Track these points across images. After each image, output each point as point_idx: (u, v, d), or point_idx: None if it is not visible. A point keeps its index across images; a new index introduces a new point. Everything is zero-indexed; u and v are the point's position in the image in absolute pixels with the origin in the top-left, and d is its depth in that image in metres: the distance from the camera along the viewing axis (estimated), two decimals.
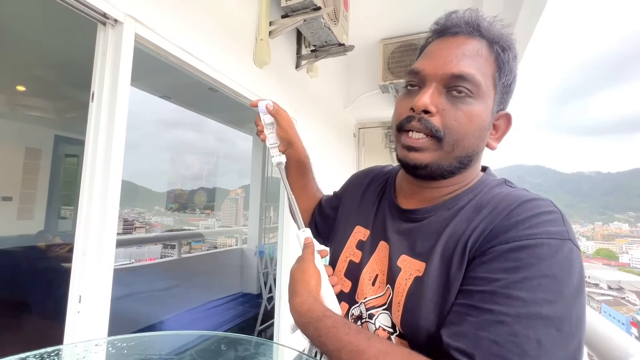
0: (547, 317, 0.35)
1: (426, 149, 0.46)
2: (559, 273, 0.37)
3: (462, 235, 0.43)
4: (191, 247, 3.68)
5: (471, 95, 0.45)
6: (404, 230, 0.51)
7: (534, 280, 0.37)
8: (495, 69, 0.47)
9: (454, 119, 0.45)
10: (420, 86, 0.48)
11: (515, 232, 0.39)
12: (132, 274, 2.75)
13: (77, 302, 0.93)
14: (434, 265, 0.44)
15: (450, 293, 0.41)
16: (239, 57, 1.60)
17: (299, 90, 2.21)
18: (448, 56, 0.46)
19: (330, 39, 1.99)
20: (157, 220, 7.19)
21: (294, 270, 0.50)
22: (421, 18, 2.52)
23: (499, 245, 0.40)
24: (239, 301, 3.34)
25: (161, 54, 1.18)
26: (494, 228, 0.41)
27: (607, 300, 59.06)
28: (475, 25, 0.46)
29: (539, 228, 0.39)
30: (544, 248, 0.38)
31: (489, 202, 0.45)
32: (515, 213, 0.41)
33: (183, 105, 3.32)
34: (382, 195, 0.61)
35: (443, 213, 0.48)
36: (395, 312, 0.46)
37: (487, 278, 0.38)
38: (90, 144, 0.98)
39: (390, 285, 0.48)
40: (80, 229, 0.96)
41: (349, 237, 0.59)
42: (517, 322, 0.35)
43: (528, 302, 0.36)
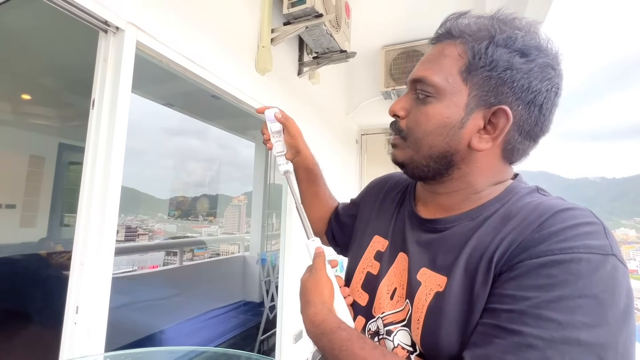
0: (587, 343, 0.31)
1: (398, 146, 0.51)
2: (600, 293, 0.33)
3: (488, 248, 0.40)
4: (194, 254, 3.68)
5: (430, 95, 0.46)
6: (424, 241, 0.48)
7: (570, 300, 0.32)
8: (463, 64, 0.45)
9: (413, 119, 0.48)
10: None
11: (547, 245, 0.35)
12: (133, 282, 2.72)
13: (74, 313, 0.90)
14: (456, 281, 0.40)
15: (474, 311, 0.38)
16: (241, 64, 1.60)
17: (301, 97, 2.21)
18: (422, 62, 0.50)
19: (332, 46, 1.99)
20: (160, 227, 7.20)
21: (305, 280, 0.50)
22: (423, 25, 2.52)
23: (529, 259, 0.36)
24: (241, 310, 3.30)
25: (163, 62, 1.17)
26: (523, 240, 0.37)
27: None
28: (448, 30, 0.48)
29: (576, 241, 0.35)
30: (582, 264, 0.33)
31: (518, 211, 0.41)
32: (548, 224, 0.37)
33: (186, 112, 3.34)
34: (401, 203, 0.59)
35: (467, 224, 0.45)
36: (414, 329, 0.43)
37: (516, 296, 0.35)
38: (90, 152, 0.97)
39: (410, 300, 0.45)
40: (78, 238, 0.94)
41: (366, 247, 0.57)
42: (550, 347, 0.31)
43: (564, 325, 0.32)
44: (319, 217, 0.76)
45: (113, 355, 0.40)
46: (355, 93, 3.21)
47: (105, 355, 0.40)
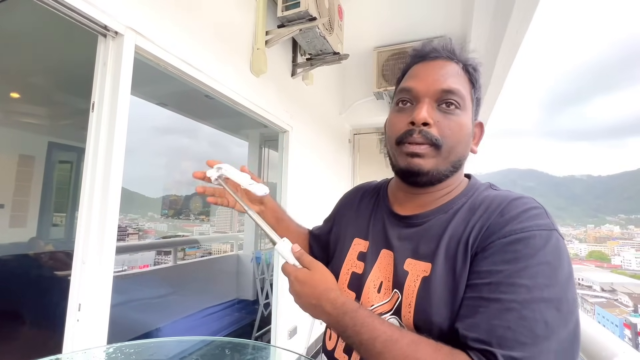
0: (549, 299, 0.40)
1: (427, 156, 0.51)
2: (552, 260, 0.42)
3: (462, 235, 0.48)
4: (185, 253, 3.66)
5: (458, 107, 0.52)
6: (405, 235, 0.54)
7: (533, 268, 0.41)
8: (471, 86, 0.55)
9: (447, 128, 0.51)
10: (413, 103, 0.53)
11: (510, 227, 0.44)
12: (128, 282, 2.73)
13: (77, 310, 0.93)
14: (440, 265, 0.47)
15: (459, 289, 0.45)
16: (236, 66, 1.62)
17: (295, 98, 2.24)
18: (435, 75, 0.52)
19: (325, 48, 2.03)
20: (150, 227, 7.15)
21: (308, 276, 0.49)
22: (414, 27, 2.58)
23: (498, 239, 0.44)
24: (235, 308, 3.32)
25: (160, 65, 1.20)
26: (490, 225, 0.46)
27: (601, 303, 59.63)
28: (451, 50, 0.54)
29: (530, 222, 0.44)
30: (536, 239, 0.43)
31: (481, 202, 0.50)
32: (507, 210, 0.46)
33: (179, 112, 3.33)
34: (376, 207, 0.64)
35: (441, 217, 0.52)
36: (405, 314, 0.49)
37: (491, 271, 0.43)
38: (91, 153, 1.00)
39: (398, 289, 0.51)
40: (80, 237, 0.97)
41: (348, 250, 0.61)
42: (524, 307, 0.39)
43: (530, 288, 0.40)
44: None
45: (120, 346, 0.43)
46: (348, 94, 3.26)
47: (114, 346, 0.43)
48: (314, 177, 2.55)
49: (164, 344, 0.53)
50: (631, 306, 57.04)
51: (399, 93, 0.56)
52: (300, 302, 0.50)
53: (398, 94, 0.56)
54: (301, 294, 0.49)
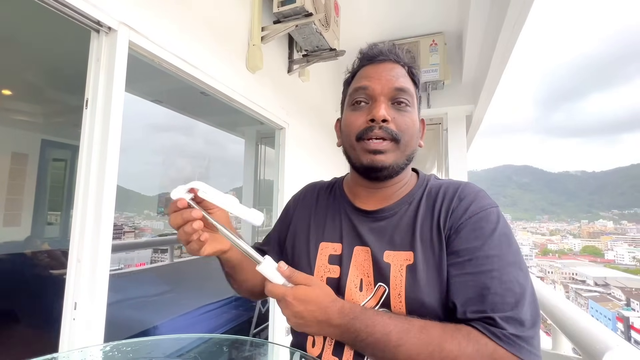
0: (514, 262, 0.48)
1: (388, 151, 0.55)
2: (507, 231, 0.51)
3: (432, 221, 0.54)
4: (182, 251, 3.65)
5: (409, 104, 0.57)
6: (376, 228, 0.57)
7: (496, 239, 0.49)
8: (414, 86, 0.60)
9: (403, 124, 0.56)
10: (368, 102, 0.57)
11: (472, 208, 0.52)
12: (124, 280, 2.71)
13: (73, 309, 0.93)
14: (420, 251, 0.52)
15: (442, 269, 0.50)
16: (231, 62, 1.61)
17: (291, 95, 2.23)
18: (387, 76, 0.56)
19: (321, 44, 2.02)
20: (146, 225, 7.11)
21: (310, 293, 0.47)
22: (410, 23, 2.58)
23: (466, 220, 0.51)
24: (233, 305, 3.32)
25: (155, 61, 1.18)
26: (454, 209, 0.53)
27: (594, 297, 60.50)
28: (396, 54, 0.59)
29: (483, 201, 0.53)
30: (492, 215, 0.51)
31: (437, 191, 0.57)
32: (463, 195, 0.54)
33: (174, 109, 3.31)
34: (335, 206, 0.63)
35: (405, 207, 0.57)
36: (396, 304, 0.50)
37: (468, 248, 0.49)
38: (85, 151, 0.98)
39: (383, 282, 0.52)
40: (75, 235, 0.96)
41: (315, 255, 0.60)
42: (501, 273, 0.47)
43: (500, 256, 0.48)
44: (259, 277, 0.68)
45: (117, 345, 0.43)
46: None
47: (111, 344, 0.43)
48: (311, 174, 2.55)
49: (161, 341, 0.53)
50: (624, 300, 57.93)
51: (354, 93, 0.59)
52: (302, 322, 0.48)
53: (353, 93, 0.59)
54: (304, 313, 0.47)
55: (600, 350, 0.68)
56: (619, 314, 46.50)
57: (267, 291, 0.50)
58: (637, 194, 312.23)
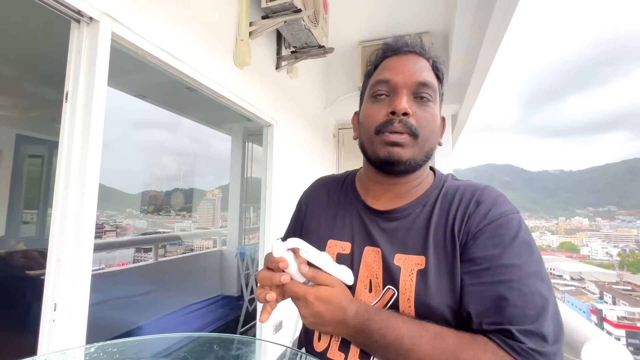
0: (535, 273, 0.45)
1: (407, 145, 0.52)
2: (528, 238, 0.48)
3: (447, 225, 0.51)
4: (166, 250, 3.55)
5: (431, 99, 0.55)
6: (388, 229, 0.55)
7: (517, 248, 0.46)
8: (437, 81, 0.57)
9: (423, 119, 0.53)
10: (390, 94, 0.55)
11: (491, 213, 0.49)
12: (106, 280, 2.64)
13: (52, 310, 0.89)
14: (432, 257, 0.50)
15: (455, 276, 0.48)
16: (219, 57, 1.58)
17: (279, 91, 2.21)
18: (411, 69, 0.54)
19: (310, 41, 2.01)
20: (129, 223, 6.92)
21: (333, 293, 0.48)
22: (398, 22, 2.59)
23: (484, 226, 0.48)
24: (219, 304, 3.28)
25: (139, 54, 1.15)
26: (470, 214, 0.50)
27: (570, 291, 63.01)
28: (421, 46, 0.57)
29: (503, 207, 0.50)
30: (513, 222, 0.48)
31: (454, 194, 0.54)
32: (481, 199, 0.51)
33: (158, 104, 3.23)
34: (346, 203, 0.62)
35: (419, 209, 0.55)
36: (405, 308, 0.49)
37: (486, 256, 0.47)
38: (65, 146, 0.95)
39: (392, 285, 0.51)
40: (54, 234, 0.92)
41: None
42: (521, 284, 0.44)
43: (521, 266, 0.45)
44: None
45: (102, 346, 0.41)
46: (333, 88, 3.25)
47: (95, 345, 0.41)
48: (299, 171, 2.54)
49: (148, 341, 0.51)
50: (597, 293, 60.63)
51: (375, 85, 0.56)
52: (319, 321, 0.48)
53: (375, 85, 0.56)
54: (325, 313, 0.47)
55: (580, 341, 0.70)
56: (593, 307, 48.72)
57: (287, 289, 0.49)
58: (610, 192, 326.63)
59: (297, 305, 0.49)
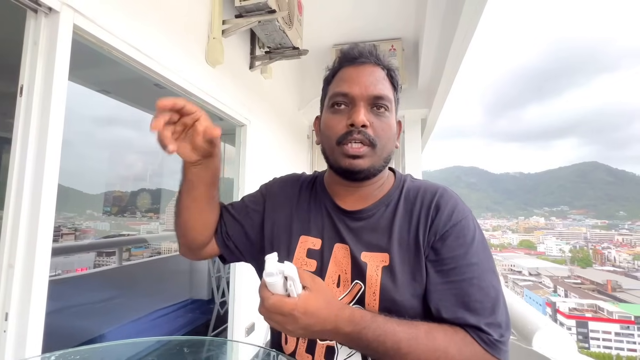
0: (489, 268, 0.53)
1: (366, 156, 0.56)
2: (481, 238, 0.55)
3: (410, 226, 0.56)
4: (130, 254, 3.33)
5: (387, 109, 0.58)
6: (355, 228, 0.59)
7: (474, 247, 0.53)
8: (392, 89, 0.60)
9: (380, 129, 0.57)
10: (348, 105, 0.57)
11: (455, 216, 0.55)
12: (65, 286, 2.46)
13: (3, 320, 0.83)
14: (396, 254, 0.54)
15: (416, 273, 0.53)
16: (190, 55, 1.54)
17: (253, 91, 2.19)
18: (367, 81, 0.57)
19: (284, 42, 2.01)
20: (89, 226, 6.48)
21: (316, 302, 0.45)
22: (371, 27, 2.66)
23: (450, 227, 0.54)
24: (188, 308, 3.18)
25: (104, 48, 1.09)
26: (435, 216, 0.55)
27: (528, 285, 67.39)
28: (376, 56, 0.59)
29: (462, 210, 0.56)
30: (469, 222, 0.55)
31: (415, 194, 0.59)
32: (443, 203, 0.56)
33: (124, 100, 3.07)
34: (316, 201, 0.64)
35: (382, 209, 0.59)
36: (370, 302, 0.53)
37: (452, 257, 0.53)
38: (19, 143, 0.88)
39: (360, 280, 0.54)
40: (5, 238, 0.86)
41: (295, 248, 0.60)
42: (479, 279, 0.51)
43: (479, 263, 0.52)
44: (214, 221, 0.65)
45: (63, 354, 0.39)
46: (307, 90, 3.27)
47: (55, 354, 0.39)
48: (273, 172, 2.51)
49: (114, 347, 0.49)
50: (552, 287, 65.34)
51: (335, 96, 0.58)
52: (308, 333, 0.46)
53: (334, 97, 0.58)
54: (314, 326, 0.45)
55: (532, 330, 0.77)
56: (548, 300, 52.43)
57: (271, 307, 0.43)
58: (563, 193, 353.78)
59: (281, 322, 0.44)
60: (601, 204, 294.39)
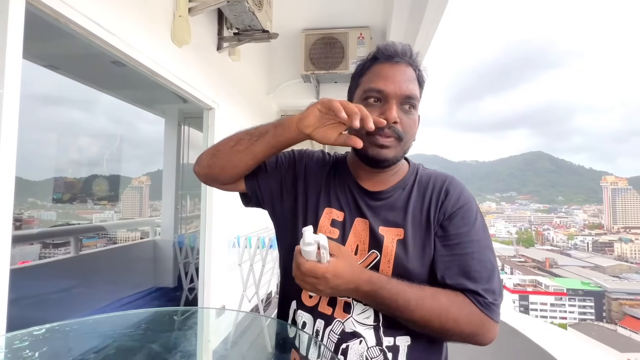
0: (487, 246, 0.63)
1: (392, 147, 0.63)
2: (482, 220, 0.65)
3: (423, 208, 0.66)
4: (82, 244, 3.05)
5: (414, 107, 0.65)
6: (374, 206, 0.67)
7: (476, 227, 0.63)
8: (419, 88, 0.67)
9: (408, 125, 0.64)
10: (381, 101, 0.64)
11: (461, 199, 0.65)
12: (18, 277, 2.28)
13: None
14: (410, 230, 0.64)
15: (428, 244, 0.63)
16: (155, 32, 1.47)
17: (220, 74, 2.14)
18: (401, 80, 0.63)
19: (254, 24, 1.97)
20: (31, 215, 5.92)
21: (343, 266, 0.54)
22: (341, 14, 2.67)
23: (456, 209, 0.64)
24: (153, 296, 3.11)
25: (61, 21, 1.02)
26: (444, 199, 0.65)
27: None
28: (409, 56, 0.65)
29: (467, 195, 0.66)
30: (473, 206, 0.65)
31: (427, 181, 0.69)
32: (452, 188, 0.66)
33: (75, 77, 2.83)
34: (341, 180, 0.72)
35: (399, 192, 0.68)
36: (385, 268, 0.62)
37: (458, 233, 0.62)
38: None
39: (377, 249, 0.64)
40: None
41: (320, 217, 0.69)
42: (479, 254, 0.61)
43: (480, 240, 0.62)
44: (252, 168, 0.71)
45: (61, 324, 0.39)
46: (276, 74, 3.22)
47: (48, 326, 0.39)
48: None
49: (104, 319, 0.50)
50: (500, 266, 71.77)
51: (369, 91, 0.64)
52: (335, 292, 0.56)
53: (368, 91, 0.64)
54: (341, 287, 0.55)
55: None
56: None
57: (305, 270, 0.53)
58: (512, 180, 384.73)
59: (314, 283, 0.54)
60: (544, 190, 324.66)
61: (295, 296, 0.69)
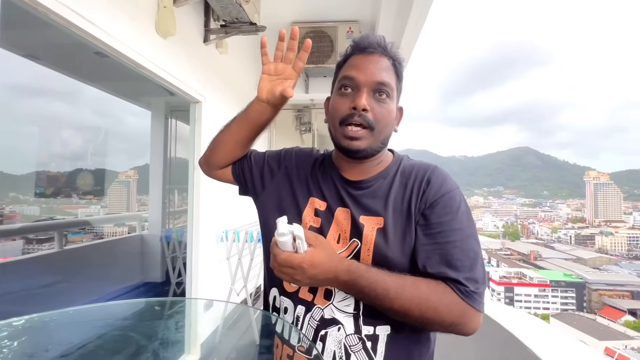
0: (471, 234, 0.61)
1: (363, 138, 0.63)
2: (466, 209, 0.63)
3: (404, 197, 0.65)
4: (67, 240, 2.99)
5: (388, 96, 0.65)
6: (355, 195, 0.68)
7: (459, 216, 0.62)
8: (396, 78, 0.67)
9: (380, 114, 0.64)
10: (354, 89, 0.64)
11: (443, 188, 0.63)
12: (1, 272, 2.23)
13: None
14: (390, 218, 0.64)
15: (408, 233, 0.62)
16: (138, 23, 1.44)
17: (207, 66, 2.11)
18: (372, 69, 0.64)
19: (241, 16, 1.95)
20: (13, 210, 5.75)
21: (320, 256, 0.54)
22: (330, 8, 2.66)
23: (438, 198, 0.62)
24: (140, 291, 3.09)
25: (39, 10, 0.99)
26: (425, 191, 0.64)
27: None
28: (384, 47, 0.66)
29: (450, 183, 0.65)
30: (456, 195, 0.63)
31: (410, 171, 0.68)
32: (434, 177, 0.65)
33: (56, 68, 2.76)
34: (325, 172, 0.74)
35: (381, 181, 0.68)
36: (365, 257, 0.63)
37: (440, 222, 0.61)
38: None
39: (357, 238, 0.64)
40: None
41: (305, 207, 0.70)
42: (462, 243, 0.60)
43: (462, 229, 0.61)
44: (238, 156, 0.82)
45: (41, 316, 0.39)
46: None
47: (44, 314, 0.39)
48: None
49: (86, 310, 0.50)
50: (486, 258, 73.51)
51: (342, 79, 0.66)
52: (313, 282, 0.56)
53: (342, 80, 0.66)
54: (319, 276, 0.54)
55: None
56: None
57: (281, 260, 0.53)
58: (499, 175, 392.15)
59: (291, 274, 0.54)
60: (530, 184, 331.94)
61: (276, 283, 0.70)
